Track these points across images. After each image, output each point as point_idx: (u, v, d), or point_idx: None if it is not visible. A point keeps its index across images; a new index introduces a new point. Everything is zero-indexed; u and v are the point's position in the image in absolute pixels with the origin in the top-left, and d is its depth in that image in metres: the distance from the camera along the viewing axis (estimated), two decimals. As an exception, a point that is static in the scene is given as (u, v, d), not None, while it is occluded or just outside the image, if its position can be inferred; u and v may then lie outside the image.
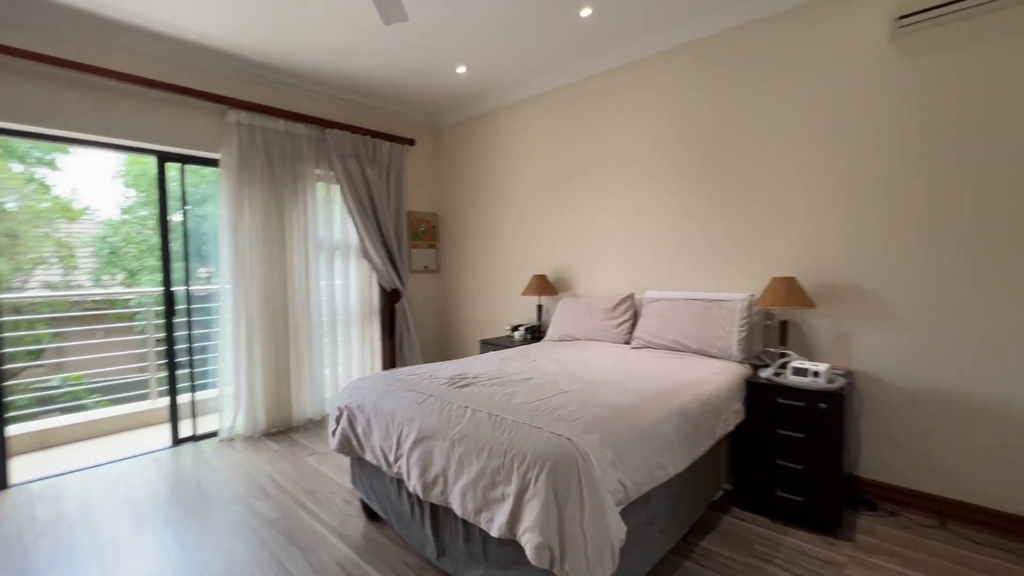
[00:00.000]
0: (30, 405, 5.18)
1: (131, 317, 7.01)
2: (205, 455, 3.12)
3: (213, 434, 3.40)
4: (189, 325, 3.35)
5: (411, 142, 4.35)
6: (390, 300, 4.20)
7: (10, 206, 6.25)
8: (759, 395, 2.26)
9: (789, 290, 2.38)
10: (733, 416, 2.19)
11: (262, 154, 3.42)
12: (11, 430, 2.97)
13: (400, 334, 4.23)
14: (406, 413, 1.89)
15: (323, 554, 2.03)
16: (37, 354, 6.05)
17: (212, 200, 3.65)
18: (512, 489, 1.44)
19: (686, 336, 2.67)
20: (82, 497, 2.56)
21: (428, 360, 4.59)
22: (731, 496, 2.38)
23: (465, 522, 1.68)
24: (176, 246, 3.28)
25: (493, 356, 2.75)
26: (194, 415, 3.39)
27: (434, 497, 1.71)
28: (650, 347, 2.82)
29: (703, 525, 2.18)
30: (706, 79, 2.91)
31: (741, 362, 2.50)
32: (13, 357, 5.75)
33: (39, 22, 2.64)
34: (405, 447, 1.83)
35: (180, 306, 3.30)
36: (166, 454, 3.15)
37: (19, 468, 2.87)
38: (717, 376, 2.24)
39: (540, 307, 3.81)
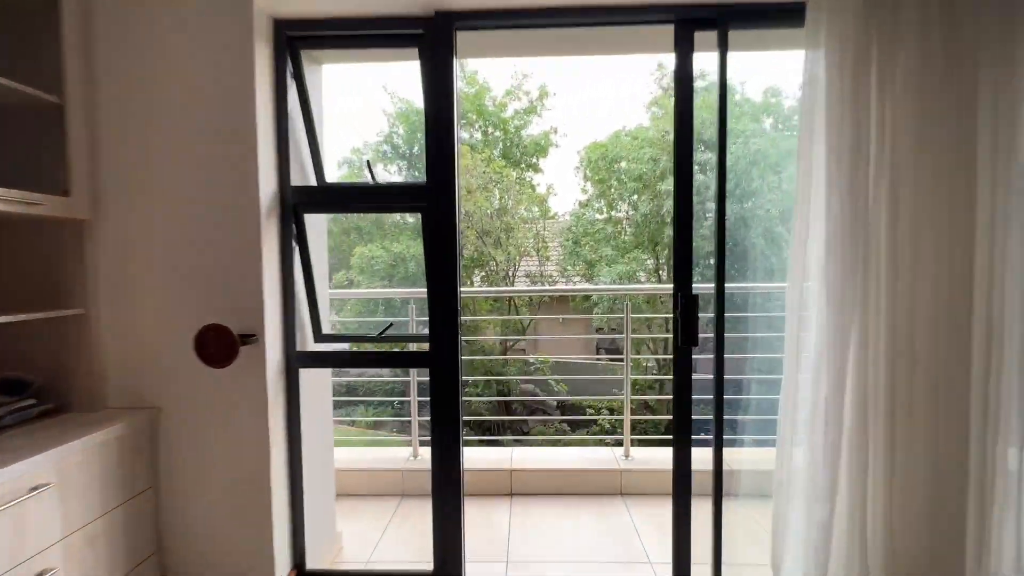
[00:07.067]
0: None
1: (590, 310, 6.90)
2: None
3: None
4: (719, 347, 1.81)
5: None
6: None
7: (506, 204, 7.13)
8: None
9: None
10: None
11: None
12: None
13: None
14: None
15: None
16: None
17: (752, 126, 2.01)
18: None
19: None
20: None
21: None
22: None
23: None
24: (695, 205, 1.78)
25: None
26: (719, 525, 1.82)
27: None
28: None
29: None
30: None
31: None
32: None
33: None
34: None
35: (704, 314, 1.80)
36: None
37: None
38: None
39: None
